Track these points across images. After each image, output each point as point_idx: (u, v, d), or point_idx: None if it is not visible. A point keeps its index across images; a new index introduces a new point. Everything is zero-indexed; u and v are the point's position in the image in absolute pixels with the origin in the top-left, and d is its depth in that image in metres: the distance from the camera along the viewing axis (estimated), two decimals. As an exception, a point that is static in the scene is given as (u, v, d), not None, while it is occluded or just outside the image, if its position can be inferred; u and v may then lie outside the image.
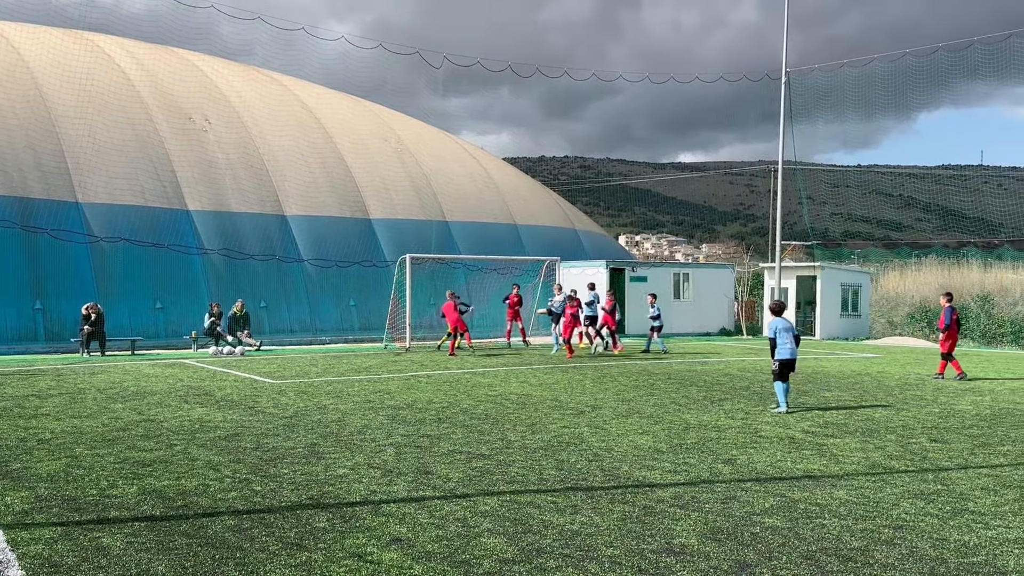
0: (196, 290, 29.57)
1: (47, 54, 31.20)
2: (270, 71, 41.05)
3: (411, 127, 43.41)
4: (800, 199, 42.88)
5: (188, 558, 6.19)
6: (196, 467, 9.30)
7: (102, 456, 9.85)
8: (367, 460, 9.73)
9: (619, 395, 15.85)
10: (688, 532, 6.92)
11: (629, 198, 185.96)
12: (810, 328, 37.08)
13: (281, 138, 35.32)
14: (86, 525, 7.03)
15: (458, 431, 11.73)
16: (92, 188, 28.88)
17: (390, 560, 6.18)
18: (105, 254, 28.20)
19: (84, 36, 33.96)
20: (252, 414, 13.25)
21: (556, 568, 6.03)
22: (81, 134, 29.48)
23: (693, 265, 48.28)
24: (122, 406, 14.07)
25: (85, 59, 31.61)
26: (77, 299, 26.33)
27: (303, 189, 34.31)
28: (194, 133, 32.95)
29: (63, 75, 30.46)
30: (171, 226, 29.91)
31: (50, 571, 5.87)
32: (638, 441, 11.03)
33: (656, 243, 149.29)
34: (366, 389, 16.57)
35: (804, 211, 43.04)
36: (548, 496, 8.09)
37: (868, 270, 42.40)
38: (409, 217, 36.77)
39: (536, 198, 44.99)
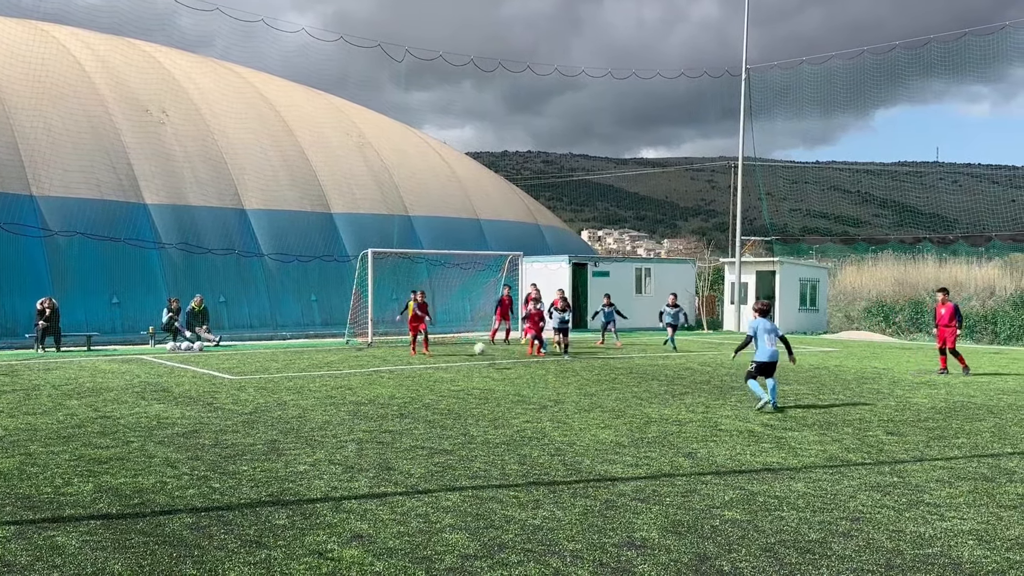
0: (154, 285, 29.14)
1: (1, 45, 30.49)
2: (230, 63, 40.54)
3: (373, 121, 43.14)
4: (760, 195, 43.36)
5: (145, 556, 6.10)
6: (153, 464, 9.16)
7: (57, 453, 9.67)
8: (328, 456, 9.66)
9: (581, 389, 15.90)
10: (649, 526, 6.96)
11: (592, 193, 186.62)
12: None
13: (241, 131, 34.90)
14: (40, 524, 6.90)
15: (420, 426, 11.69)
16: (47, 181, 28.32)
17: (351, 557, 6.14)
18: (60, 248, 27.68)
19: (39, 26, 33.25)
20: (211, 410, 13.10)
21: (518, 563, 6.03)
22: (36, 126, 28.88)
23: (655, 260, 48.61)
24: (78, 403, 13.83)
25: (40, 50, 30.95)
26: (31, 294, 25.80)
27: (263, 183, 33.94)
28: (151, 125, 32.44)
29: (17, 66, 29.81)
30: (128, 220, 29.43)
31: (2, 571, 5.75)
32: (600, 435, 11.07)
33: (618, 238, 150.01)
34: (327, 385, 16.45)
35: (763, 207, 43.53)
36: (510, 491, 8.09)
37: (826, 265, 43.00)
38: (371, 211, 36.56)
39: (499, 193, 44.98)
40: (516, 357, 23.07)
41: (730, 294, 39.10)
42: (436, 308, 34.91)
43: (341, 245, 34.62)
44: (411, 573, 5.82)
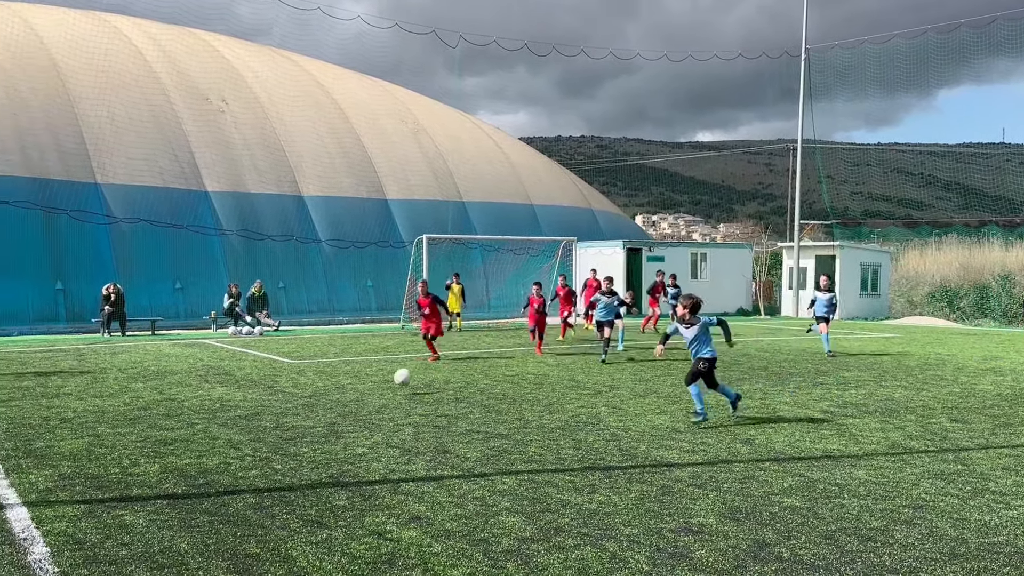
0: (215, 271, 29.74)
1: (66, 35, 31.29)
2: (287, 51, 41.03)
3: (428, 107, 43.32)
4: (819, 178, 42.54)
5: (210, 535, 6.26)
6: (217, 446, 9.38)
7: (124, 435, 9.95)
8: (385, 439, 9.78)
9: (636, 375, 15.84)
10: (706, 512, 6.92)
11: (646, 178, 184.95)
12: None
13: (298, 119, 35.34)
14: (109, 503, 7.11)
15: (476, 411, 11.77)
16: (111, 169, 29.04)
17: (410, 538, 6.23)
18: (125, 235, 28.38)
19: (102, 17, 34.04)
20: (272, 393, 13.35)
21: (574, 547, 6.05)
22: (100, 115, 29.61)
23: (711, 245, 48.07)
24: (143, 385, 14.20)
25: (103, 40, 31.69)
26: (97, 280, 26.53)
27: (320, 169, 34.35)
28: (211, 114, 33.02)
29: (82, 56, 30.56)
30: (190, 207, 30.05)
31: (74, 548, 5.95)
32: (656, 421, 11.03)
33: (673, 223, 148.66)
34: (384, 369, 16.64)
35: (823, 190, 42.73)
36: (566, 475, 8.11)
37: (888, 249, 42.05)
38: (426, 197, 36.76)
39: (552, 178, 44.86)
40: (570, 343, 23.04)
41: (788, 279, 38.51)
42: (490, 294, 35.08)
43: (396, 231, 34.89)
44: (469, 555, 5.87)
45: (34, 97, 28.91)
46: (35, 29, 31.33)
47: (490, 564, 5.70)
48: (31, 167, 27.51)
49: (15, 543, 6.03)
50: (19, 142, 27.72)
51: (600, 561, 5.77)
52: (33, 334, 24.83)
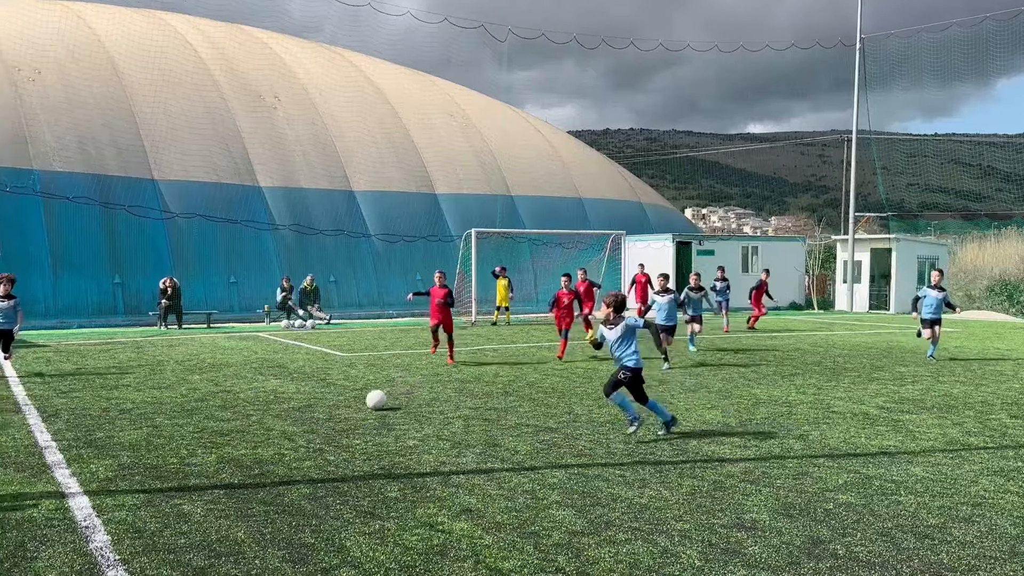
0: (268, 265, 30.19)
1: (122, 33, 31.96)
2: (338, 48, 41.41)
3: (476, 101, 43.41)
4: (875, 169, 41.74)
5: (266, 525, 6.37)
6: (272, 437, 9.54)
7: (181, 426, 10.16)
8: (436, 432, 9.85)
9: (687, 370, 15.72)
10: (759, 507, 6.86)
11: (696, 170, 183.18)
12: (885, 302, 36.22)
13: (348, 114, 35.68)
14: (167, 492, 7.27)
15: (525, 404, 11.79)
16: (167, 165, 29.63)
17: (461, 530, 6.27)
18: (180, 230, 28.94)
19: (158, 15, 34.70)
20: (324, 386, 13.52)
21: (625, 541, 6.03)
22: (156, 112, 30.21)
23: (762, 238, 47.48)
24: (199, 377, 14.48)
25: (159, 38, 32.32)
26: (154, 274, 27.11)
27: (370, 165, 34.65)
28: (264, 110, 33.49)
29: (138, 54, 31.21)
30: (243, 202, 30.53)
31: (134, 536, 6.10)
32: (706, 416, 10.94)
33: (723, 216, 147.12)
34: (433, 362, 16.74)
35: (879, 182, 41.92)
36: (616, 469, 8.09)
37: (945, 242, 41.15)
38: (474, 192, 36.87)
39: (601, 171, 44.68)
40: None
41: (843, 273, 37.88)
42: (539, 288, 35.05)
43: (445, 225, 35.06)
44: (520, 548, 5.89)
45: (92, 95, 29.59)
46: (93, 27, 32.04)
47: (541, 557, 5.71)
48: (90, 163, 28.18)
49: (77, 531, 6.20)
50: (78, 139, 28.40)
51: (651, 556, 5.75)
52: (92, 327, 25.45)
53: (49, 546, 5.86)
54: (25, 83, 28.59)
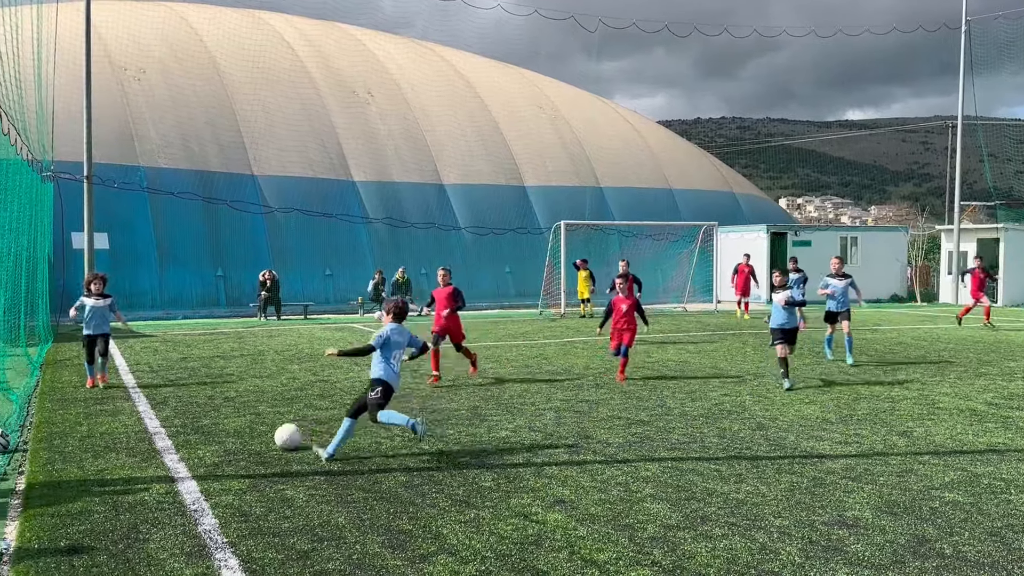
0: (361, 258, 30.81)
1: (222, 33, 33.03)
2: (428, 42, 41.88)
3: (564, 93, 43.31)
4: (981, 156, 39.97)
5: (365, 511, 6.52)
6: (368, 426, 9.72)
7: (283, 414, 10.47)
8: (528, 423, 9.90)
9: (782, 363, 15.37)
10: (861, 505, 6.67)
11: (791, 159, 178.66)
12: (992, 294, 34.71)
13: (439, 108, 36.08)
14: (271, 478, 7.51)
15: (616, 397, 11.73)
16: (265, 161, 30.52)
17: (555, 521, 6.29)
18: (279, 224, 29.79)
19: (255, 14, 35.74)
20: (417, 377, 13.73)
21: (722, 536, 5.96)
22: (255, 109, 31.15)
23: (862, 228, 46.06)
24: (298, 367, 14.89)
25: (257, 36, 33.29)
26: (254, 267, 27.98)
27: (460, 158, 34.97)
28: (358, 106, 34.15)
29: (237, 52, 32.21)
30: (338, 197, 31.24)
31: (240, 520, 6.31)
32: (804, 411, 10.69)
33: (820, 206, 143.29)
34: (523, 354, 16.81)
35: (986, 169, 40.12)
36: (711, 464, 7.98)
37: (1059, 232, 39.10)
38: (563, 184, 36.83)
39: (692, 161, 44.04)
40: (724, 329, 22.61)
41: (947, 264, 36.45)
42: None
43: (534, 217, 35.13)
44: (614, 540, 5.88)
45: (195, 93, 30.67)
46: (193, 27, 33.19)
47: (636, 550, 5.69)
48: (193, 160, 29.24)
49: (187, 514, 6.46)
50: (182, 136, 29.49)
51: (750, 552, 5.66)
52: (196, 318, 26.44)
53: (160, 528, 6.12)
54: (131, 83, 29.81)
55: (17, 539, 5.93)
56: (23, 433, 9.52)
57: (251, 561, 5.48)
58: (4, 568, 5.42)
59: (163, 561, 5.48)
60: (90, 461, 8.12)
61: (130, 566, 5.39)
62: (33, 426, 9.85)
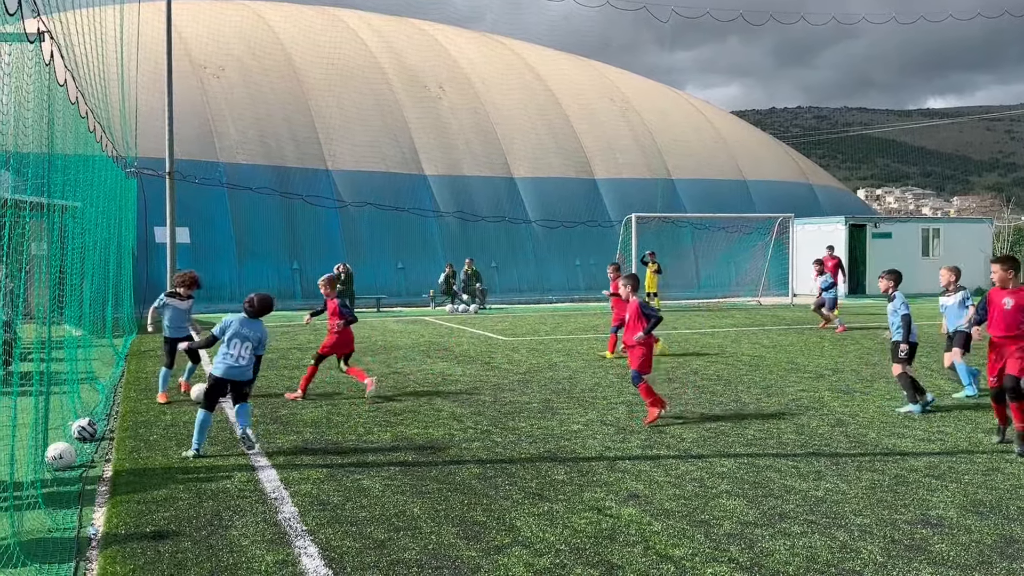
0: (432, 251, 31.08)
1: (298, 31, 33.64)
2: (498, 36, 41.98)
3: (635, 84, 42.93)
4: (1073, 144, 38.34)
5: (440, 502, 6.59)
6: (441, 418, 9.84)
7: (358, 405, 10.65)
8: (600, 417, 9.87)
9: (862, 359, 15.03)
10: (946, 504, 6.48)
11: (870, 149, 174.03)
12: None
13: (509, 101, 36.13)
14: (347, 468, 7.64)
15: (689, 391, 11.62)
16: (340, 156, 31.00)
17: (629, 515, 6.26)
18: (352, 218, 30.23)
19: (330, 11, 36.34)
20: (488, 369, 13.80)
21: (801, 534, 5.85)
22: (329, 105, 31.66)
23: (944, 220, 44.65)
24: (372, 359, 15.10)
25: (332, 33, 33.82)
26: (328, 260, 28.41)
27: (530, 151, 34.97)
28: (429, 101, 34.41)
29: (313, 49, 32.77)
30: (410, 191, 31.55)
31: (319, 509, 6.44)
32: (886, 407, 10.43)
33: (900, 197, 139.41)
34: (595, 348, 16.75)
35: (1078, 157, 38.49)
36: (788, 460, 7.85)
37: None
38: (634, 176, 36.53)
39: (766, 152, 43.22)
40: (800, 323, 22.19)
41: (1034, 256, 35.10)
42: (700, 274, 34.40)
43: (604, 210, 34.94)
44: (690, 536, 5.83)
45: (272, 90, 31.31)
46: (271, 25, 33.86)
47: (712, 546, 5.63)
48: (270, 156, 29.86)
49: (267, 502, 6.61)
50: (259, 132, 30.14)
51: (830, 550, 5.55)
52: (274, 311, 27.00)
53: (242, 516, 6.28)
54: (211, 80, 30.57)
55: (105, 525, 6.15)
56: (109, 422, 9.87)
57: (330, 549, 5.59)
58: (93, 552, 5.63)
59: (245, 548, 5.62)
60: (174, 449, 8.38)
61: (213, 552, 5.55)
62: (119, 415, 10.20)
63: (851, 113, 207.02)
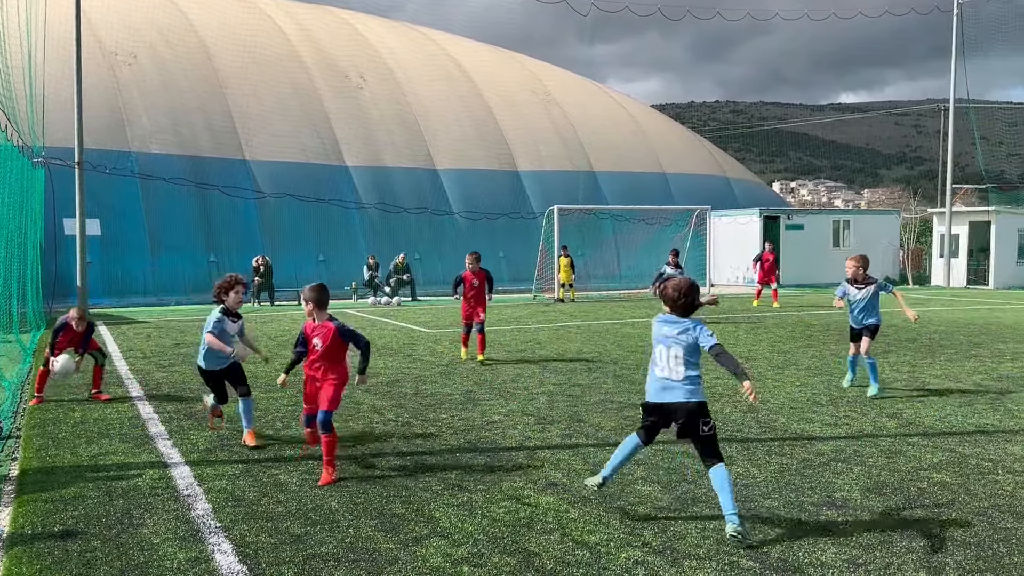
0: (354, 243, 30.78)
1: (213, 18, 32.85)
2: (420, 26, 41.71)
3: (557, 77, 43.19)
4: (973, 139, 40.04)
5: (358, 495, 6.56)
6: (361, 411, 9.78)
7: (276, 399, 10.50)
8: (521, 407, 9.94)
9: (774, 347, 15.46)
10: (850, 486, 6.73)
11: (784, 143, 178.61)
12: (984, 277, 34.88)
13: (432, 93, 35.96)
14: (264, 463, 7.54)
15: (609, 381, 11.79)
16: (258, 146, 30.41)
17: (547, 504, 6.34)
18: (271, 209, 29.72)
19: None
20: (410, 361, 13.76)
21: (712, 517, 6.01)
22: (246, 94, 31.01)
23: (855, 212, 46.15)
24: (291, 353, 14.86)
25: (248, 21, 33.10)
26: (247, 252, 27.93)
27: (453, 143, 34.89)
28: (350, 91, 34.01)
29: (229, 37, 32.03)
30: (331, 182, 31.16)
31: (233, 505, 6.35)
32: (795, 394, 10.76)
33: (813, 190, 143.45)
34: (517, 339, 16.85)
35: (978, 152, 40.20)
36: (702, 446, 8.03)
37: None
38: (556, 168, 36.79)
39: (685, 146, 44.01)
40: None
41: (939, 247, 36.57)
42: (621, 265, 34.87)
43: (527, 202, 35.11)
44: (606, 521, 5.93)
45: (186, 78, 30.52)
46: (184, 12, 32.99)
47: (627, 531, 5.74)
48: (184, 145, 29.12)
49: (180, 499, 6.48)
50: (173, 121, 29.36)
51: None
52: (189, 304, 26.40)
53: (154, 513, 6.15)
54: (122, 68, 29.64)
55: (11, 525, 5.95)
56: (16, 420, 9.53)
57: (244, 545, 5.51)
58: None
59: (157, 546, 5.51)
60: (83, 447, 8.14)
61: (124, 551, 5.42)
62: (26, 412, 9.86)
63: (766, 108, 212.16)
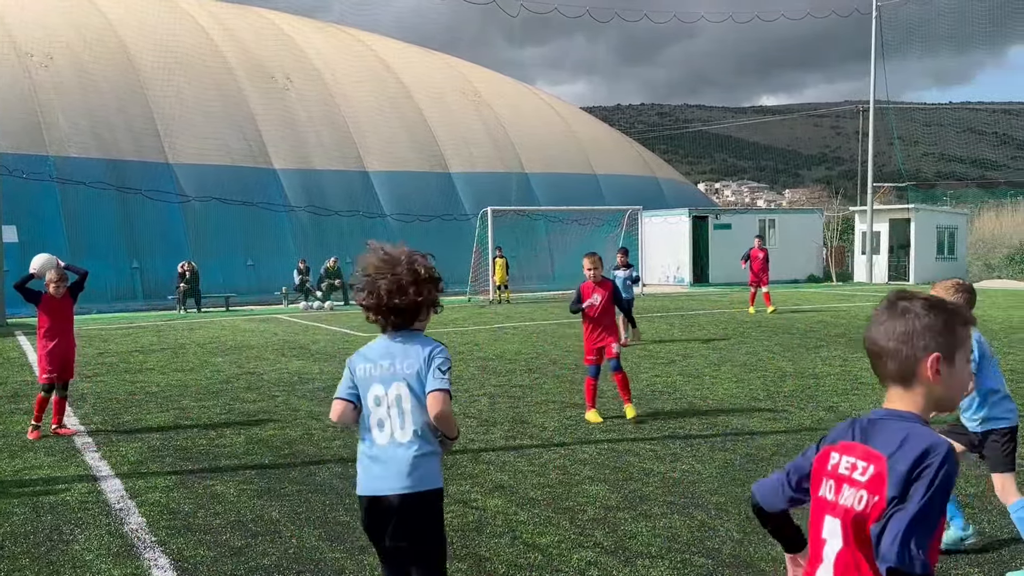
0: (284, 247, 30.21)
1: (132, 17, 31.92)
2: (347, 27, 41.22)
3: (488, 79, 43.16)
4: (892, 139, 41.31)
5: (300, 504, 6.36)
6: (299, 417, 9.53)
7: (208, 408, 10.18)
8: (462, 410, 9.81)
9: (709, 344, 15.64)
10: (794, 479, 6.79)
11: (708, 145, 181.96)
12: (904, 272, 35.98)
13: (361, 94, 35.55)
14: (199, 473, 7.28)
15: (549, 381, 11.75)
16: (182, 149, 29.62)
17: (495, 506, 6.24)
18: (197, 213, 28.97)
19: (167, -1, 34.60)
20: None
21: (662, 515, 5.99)
22: (169, 96, 30.19)
23: (780, 211, 47.18)
24: (222, 360, 14.50)
25: (169, 21, 32.25)
26: (172, 258, 27.15)
27: (383, 145, 34.55)
28: (276, 92, 33.40)
29: (149, 37, 31.17)
30: (258, 185, 30.53)
31: (169, 517, 6.09)
32: (733, 389, 10.87)
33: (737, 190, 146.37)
34: (454, 341, 16.71)
35: (896, 152, 41.49)
36: (646, 444, 8.04)
37: (964, 211, 40.74)
38: (488, 170, 36.73)
39: (615, 147, 44.41)
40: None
41: (861, 244, 37.60)
42: (555, 266, 34.98)
43: (460, 204, 34.96)
44: (555, 523, 5.86)
45: (105, 80, 29.56)
46: (102, 11, 31.98)
47: (578, 532, 5.68)
48: (105, 148, 28.20)
49: (112, 513, 6.20)
50: (92, 124, 28.41)
51: (689, 529, 5.70)
52: (111, 312, 25.55)
53: (85, 529, 5.87)
54: (38, 69, 28.58)
55: (-72, 547, 5.61)
56: (-70, 436, 9.03)
57: (182, 559, 5.28)
58: (-86, 578, 5.12)
59: (89, 563, 5.24)
60: (6, 461, 7.75)
61: (54, 569, 5.15)
62: (-59, 428, 9.36)
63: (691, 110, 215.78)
